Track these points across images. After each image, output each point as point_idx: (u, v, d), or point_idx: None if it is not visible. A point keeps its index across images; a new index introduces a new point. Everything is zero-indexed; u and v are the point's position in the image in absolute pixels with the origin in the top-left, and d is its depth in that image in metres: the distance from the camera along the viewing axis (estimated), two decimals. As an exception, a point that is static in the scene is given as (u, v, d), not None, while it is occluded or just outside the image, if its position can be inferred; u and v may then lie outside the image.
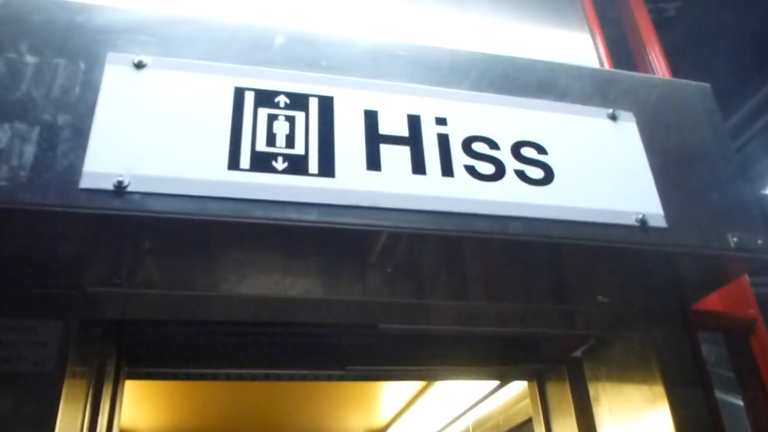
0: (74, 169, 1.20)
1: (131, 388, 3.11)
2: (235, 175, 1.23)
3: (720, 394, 1.82)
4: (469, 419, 3.05)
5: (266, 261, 1.44)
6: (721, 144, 1.61)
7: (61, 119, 1.26)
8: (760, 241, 1.48)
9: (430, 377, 2.08)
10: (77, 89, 1.29)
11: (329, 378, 1.96)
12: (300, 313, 1.62)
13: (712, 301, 1.89)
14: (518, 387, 2.50)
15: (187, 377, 1.89)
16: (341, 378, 1.96)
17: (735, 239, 1.46)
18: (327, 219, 1.23)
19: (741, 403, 2.00)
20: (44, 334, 1.32)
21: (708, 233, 1.46)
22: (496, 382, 2.56)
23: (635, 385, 1.73)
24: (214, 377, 1.91)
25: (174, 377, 1.90)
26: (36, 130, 1.24)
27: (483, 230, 1.31)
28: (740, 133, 5.81)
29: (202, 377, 1.90)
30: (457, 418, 3.16)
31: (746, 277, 1.95)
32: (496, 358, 1.99)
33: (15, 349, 1.29)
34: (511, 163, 1.40)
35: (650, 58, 2.45)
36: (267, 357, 1.88)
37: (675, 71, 2.39)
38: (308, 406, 3.71)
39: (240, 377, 1.91)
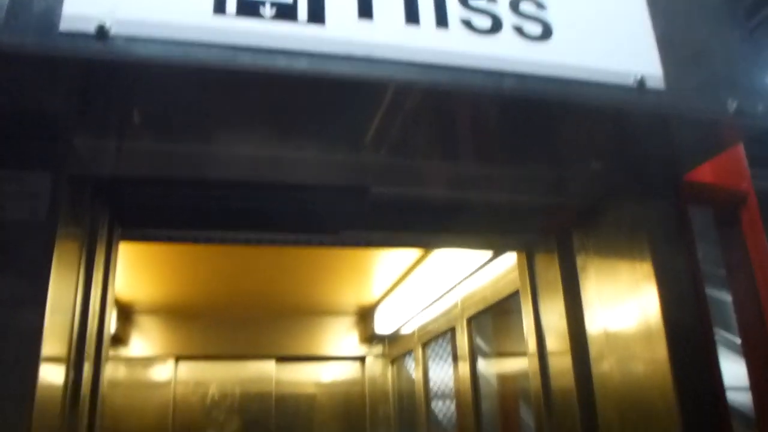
0: (53, 11, 1.15)
1: (128, 259, 3.17)
2: (221, 20, 1.18)
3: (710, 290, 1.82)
4: (458, 294, 3.14)
5: (257, 117, 1.42)
6: (727, 4, 1.55)
7: (36, -42, 1.19)
8: (760, 107, 1.45)
9: (422, 244, 2.10)
10: (51, -75, 1.21)
11: (321, 243, 1.98)
12: (291, 173, 1.62)
13: (705, 174, 1.88)
14: (506, 263, 2.55)
15: (182, 239, 1.91)
16: (333, 243, 1.98)
17: (734, 104, 1.42)
18: (318, 68, 1.19)
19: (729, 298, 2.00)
20: (34, 185, 1.31)
21: (707, 97, 1.43)
22: (485, 257, 2.61)
23: (623, 260, 1.73)
24: (208, 240, 1.92)
25: (168, 239, 1.91)
26: (8, -30, 1.17)
27: (477, 85, 1.27)
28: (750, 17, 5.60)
29: (195, 240, 1.91)
30: (446, 293, 3.25)
31: (742, 149, 1.92)
32: (487, 227, 2.00)
33: (7, 199, 1.29)
34: (508, 18, 1.34)
35: None
36: (260, 221, 1.88)
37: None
38: (301, 281, 3.80)
39: (234, 240, 1.93)
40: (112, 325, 3.75)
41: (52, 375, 1.36)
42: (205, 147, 1.50)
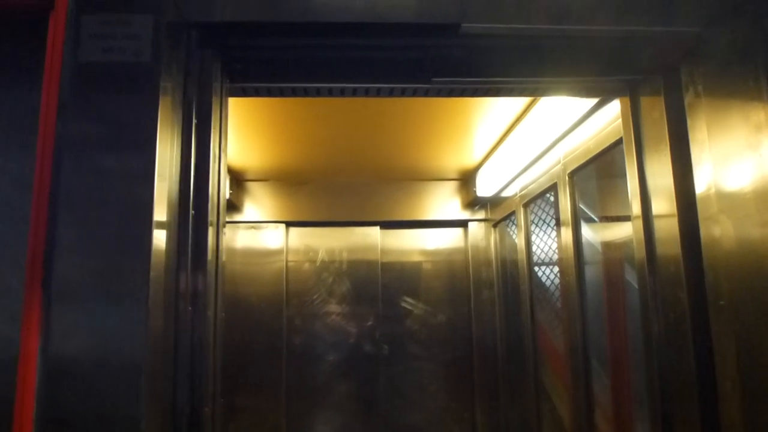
0: None
1: (237, 125, 3.31)
2: None
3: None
4: (560, 151, 3.07)
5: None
6: None
7: None
8: None
9: (518, 92, 2.04)
10: None
11: (415, 93, 1.98)
12: (383, 13, 1.61)
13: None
14: (609, 114, 2.46)
15: (280, 93, 1.96)
16: (427, 93, 1.98)
17: None
18: None
19: None
20: (137, 27, 1.38)
21: None
22: (587, 107, 2.52)
23: (736, 99, 1.62)
24: (304, 93, 1.97)
25: (267, 93, 1.97)
26: None
27: None
28: None
29: (293, 92, 1.96)
30: (547, 150, 3.18)
31: None
32: (589, 69, 1.91)
33: (115, 41, 1.36)
34: None
35: None
36: (357, 71, 1.91)
37: None
38: (403, 145, 3.85)
39: (330, 91, 1.96)
40: (226, 189, 4.00)
41: (162, 238, 1.44)
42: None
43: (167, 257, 1.45)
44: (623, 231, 2.76)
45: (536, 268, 3.79)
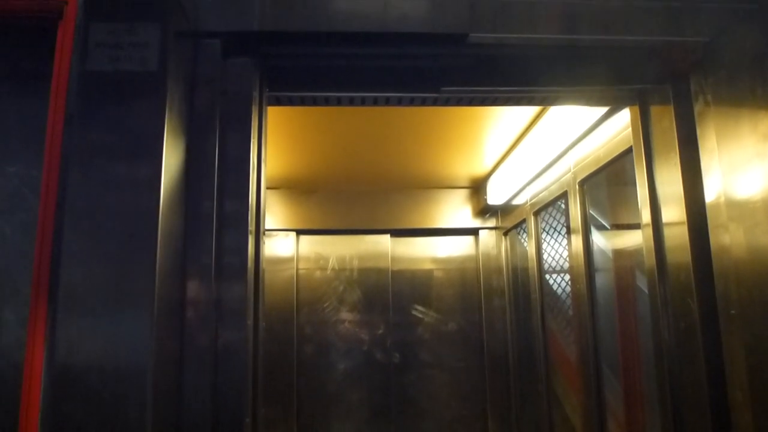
0: None
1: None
2: None
3: None
4: (570, 159, 3.07)
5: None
6: None
7: None
8: None
9: (527, 101, 2.04)
10: None
11: (424, 102, 1.99)
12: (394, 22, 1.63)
13: None
14: (619, 123, 2.46)
15: (321, 101, 1.98)
16: (436, 101, 1.99)
17: None
18: None
19: None
20: (145, 36, 1.39)
21: None
22: (597, 116, 2.52)
23: (745, 106, 1.61)
24: (313, 101, 1.99)
25: (313, 102, 1.99)
26: None
27: None
28: None
29: (314, 101, 1.98)
30: (557, 159, 3.18)
31: None
32: (598, 78, 1.91)
33: (122, 50, 1.38)
34: None
35: None
36: (367, 80, 1.93)
37: None
38: (415, 154, 3.86)
39: (339, 101, 1.98)
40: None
41: (172, 246, 1.43)
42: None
43: (177, 266, 1.46)
44: (633, 239, 2.75)
45: (547, 276, 3.78)
